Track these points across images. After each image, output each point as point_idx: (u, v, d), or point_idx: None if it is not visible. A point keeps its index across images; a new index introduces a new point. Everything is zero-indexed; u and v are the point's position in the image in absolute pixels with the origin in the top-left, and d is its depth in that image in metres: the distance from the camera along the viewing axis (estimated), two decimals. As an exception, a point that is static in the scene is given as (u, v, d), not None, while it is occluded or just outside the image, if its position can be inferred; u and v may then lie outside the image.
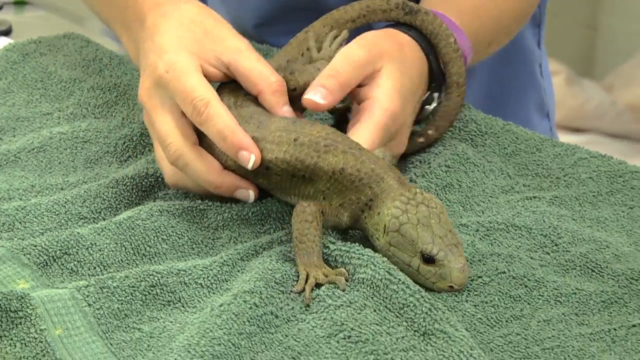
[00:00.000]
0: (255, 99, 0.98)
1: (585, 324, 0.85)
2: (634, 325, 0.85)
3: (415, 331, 0.81)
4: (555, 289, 0.89)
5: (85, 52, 1.28)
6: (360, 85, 1.01)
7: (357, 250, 0.88)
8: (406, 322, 0.82)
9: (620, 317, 0.86)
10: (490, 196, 1.04)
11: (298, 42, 1.08)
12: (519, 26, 1.31)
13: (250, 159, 0.93)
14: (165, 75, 0.97)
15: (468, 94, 1.32)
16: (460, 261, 0.84)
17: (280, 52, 1.08)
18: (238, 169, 0.94)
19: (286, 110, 0.98)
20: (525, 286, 0.89)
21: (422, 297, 0.83)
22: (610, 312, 0.87)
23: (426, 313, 0.82)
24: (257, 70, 0.99)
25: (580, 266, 0.92)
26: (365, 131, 0.97)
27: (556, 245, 0.95)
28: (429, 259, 0.83)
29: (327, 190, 0.89)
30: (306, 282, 0.85)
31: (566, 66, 3.26)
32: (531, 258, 0.93)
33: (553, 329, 0.84)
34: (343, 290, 0.83)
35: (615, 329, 0.85)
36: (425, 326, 0.81)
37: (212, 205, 0.96)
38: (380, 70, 1.01)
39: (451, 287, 0.84)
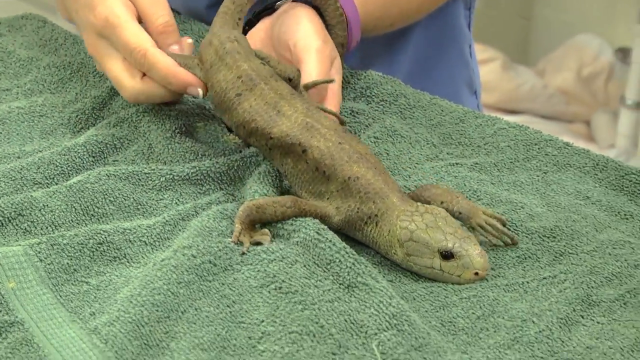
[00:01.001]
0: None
1: (501, 276, 0.86)
2: (544, 278, 0.86)
3: (340, 284, 0.82)
4: (474, 245, 0.90)
5: (42, 32, 1.27)
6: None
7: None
8: (332, 276, 0.83)
9: (532, 270, 0.87)
10: (417, 163, 1.04)
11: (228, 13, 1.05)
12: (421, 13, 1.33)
13: (199, 91, 0.98)
14: (103, 30, 1.00)
15: (401, 66, 1.37)
16: (477, 248, 0.82)
17: (216, 23, 1.04)
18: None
19: (175, 48, 1.01)
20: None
21: (347, 253, 0.84)
22: (524, 267, 0.88)
23: (350, 267, 0.83)
24: (151, 10, 1.01)
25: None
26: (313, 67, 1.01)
27: (475, 206, 0.96)
28: (447, 255, 0.82)
29: (336, 192, 0.88)
30: (237, 241, 0.85)
31: (503, 53, 3.29)
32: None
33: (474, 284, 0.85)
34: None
35: (527, 282, 0.86)
36: (349, 279, 0.82)
37: (155, 170, 0.97)
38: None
39: (476, 274, 0.83)
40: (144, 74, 1.00)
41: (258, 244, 0.86)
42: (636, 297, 0.84)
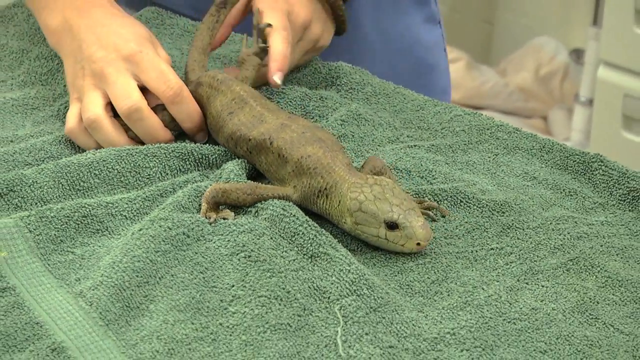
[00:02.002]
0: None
1: (452, 244, 0.87)
2: (492, 249, 0.87)
3: (304, 255, 0.83)
4: (428, 218, 0.91)
5: (32, 20, 1.24)
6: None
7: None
8: (297, 247, 0.83)
9: (481, 240, 0.88)
10: (378, 145, 1.05)
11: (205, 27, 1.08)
12: None
13: (205, 138, 1.00)
14: (139, 54, 0.98)
15: None
16: (420, 220, 0.82)
17: (196, 40, 1.07)
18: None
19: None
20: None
21: (310, 226, 0.84)
22: (473, 236, 0.89)
23: (312, 239, 0.83)
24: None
25: (450, 198, 0.93)
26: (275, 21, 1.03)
27: (431, 184, 0.97)
28: (392, 225, 0.81)
29: (292, 172, 0.88)
30: (205, 214, 0.86)
31: (467, 54, 3.30)
32: (409, 190, 0.94)
33: (425, 250, 0.86)
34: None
35: (476, 250, 0.87)
36: (312, 250, 0.83)
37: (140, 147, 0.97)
38: None
39: (418, 244, 0.82)
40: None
41: (224, 219, 0.86)
42: (578, 264, 0.85)
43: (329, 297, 0.78)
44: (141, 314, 0.76)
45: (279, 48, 1.02)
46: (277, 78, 1.02)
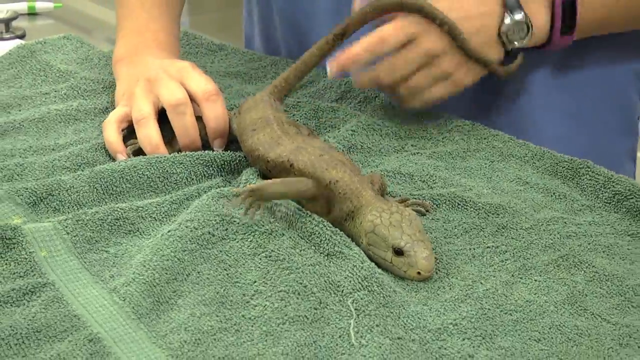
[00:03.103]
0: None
1: (451, 243, 0.85)
2: (488, 247, 0.85)
3: (320, 253, 0.80)
4: (429, 221, 0.89)
5: (80, 51, 1.26)
6: None
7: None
8: (314, 246, 0.81)
9: (477, 239, 0.86)
10: (385, 155, 1.03)
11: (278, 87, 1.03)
12: None
13: (222, 146, 0.99)
14: (187, 68, 1.00)
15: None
16: (425, 252, 0.77)
17: (267, 90, 1.02)
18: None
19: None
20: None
21: (325, 226, 0.82)
22: (471, 236, 0.86)
23: (328, 239, 0.81)
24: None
25: (449, 201, 0.91)
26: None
27: (431, 188, 0.95)
28: (398, 251, 0.77)
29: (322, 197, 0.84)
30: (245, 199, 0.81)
31: None
32: (411, 195, 0.92)
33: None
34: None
35: (474, 248, 0.84)
36: (328, 249, 0.80)
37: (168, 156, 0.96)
38: None
39: (419, 273, 0.77)
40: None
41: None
42: (567, 261, 0.82)
43: (342, 291, 0.76)
44: (170, 308, 0.74)
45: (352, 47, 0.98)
46: (330, 67, 0.99)
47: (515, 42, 0.99)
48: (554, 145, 1.03)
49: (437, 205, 0.91)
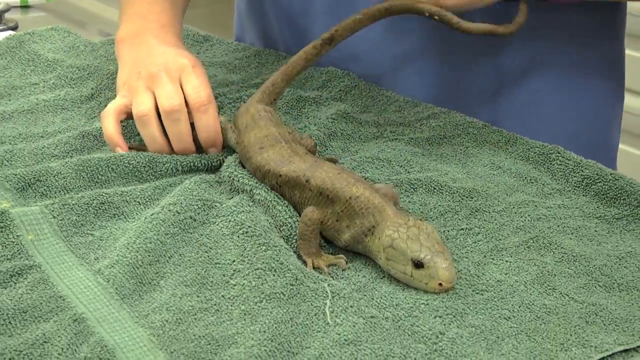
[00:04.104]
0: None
1: (427, 226, 0.85)
2: (462, 229, 0.85)
3: (290, 245, 0.81)
4: (406, 203, 0.89)
5: (67, 40, 1.25)
6: None
7: (253, 179, 0.87)
8: (283, 238, 0.81)
9: (452, 221, 0.86)
10: (364, 141, 1.03)
11: (266, 92, 0.98)
12: None
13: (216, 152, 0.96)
14: (189, 68, 0.97)
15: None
16: (445, 262, 0.73)
17: (255, 97, 0.97)
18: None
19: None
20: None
21: (295, 220, 0.82)
22: (445, 218, 0.86)
23: (295, 229, 0.81)
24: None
25: (425, 185, 0.91)
26: None
27: (409, 172, 0.95)
28: (418, 264, 0.73)
29: (341, 212, 0.80)
30: (314, 267, 0.78)
31: None
32: (389, 180, 0.92)
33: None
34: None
35: (448, 230, 0.84)
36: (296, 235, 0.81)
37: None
38: None
39: (440, 284, 0.73)
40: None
41: (334, 265, 0.80)
42: (537, 242, 0.82)
43: (317, 276, 0.76)
44: (152, 289, 0.74)
45: None
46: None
47: None
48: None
49: (413, 189, 0.91)
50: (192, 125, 0.94)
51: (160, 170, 0.91)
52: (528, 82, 1.14)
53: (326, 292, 0.73)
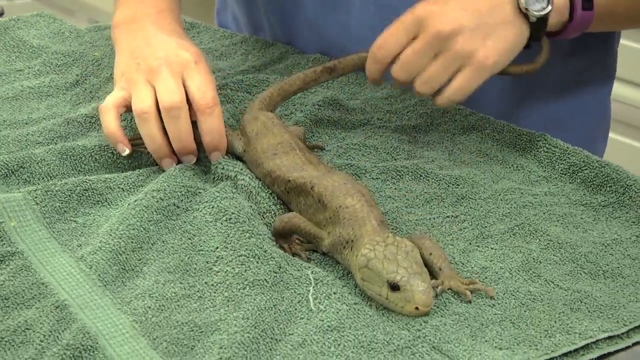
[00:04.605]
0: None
1: (413, 213, 0.85)
2: (447, 216, 0.85)
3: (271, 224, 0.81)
4: (392, 191, 0.89)
5: (52, 27, 1.24)
6: None
7: (238, 164, 0.87)
8: (266, 225, 0.81)
9: (438, 209, 0.86)
10: (351, 128, 1.03)
11: (272, 98, 0.97)
12: None
13: (125, 150, 0.89)
14: (192, 64, 0.90)
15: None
16: (422, 285, 0.70)
17: (256, 104, 0.95)
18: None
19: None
20: (372, 189, 0.88)
21: (279, 208, 0.82)
22: (431, 206, 0.87)
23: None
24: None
25: (412, 172, 0.91)
26: None
27: (395, 160, 0.95)
28: (394, 286, 0.70)
29: (329, 219, 0.78)
30: (292, 253, 0.78)
31: None
32: (375, 167, 0.92)
33: (388, 219, 0.84)
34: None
35: (434, 218, 0.84)
36: None
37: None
38: None
39: (417, 308, 0.70)
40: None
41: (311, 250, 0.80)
42: (523, 229, 0.83)
43: (300, 263, 0.76)
44: (135, 275, 0.74)
45: None
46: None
47: (535, 12, 0.89)
48: None
49: (400, 176, 0.91)
50: (195, 125, 0.89)
51: (144, 160, 0.91)
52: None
53: (309, 279, 0.73)
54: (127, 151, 0.89)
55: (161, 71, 0.89)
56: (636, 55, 2.06)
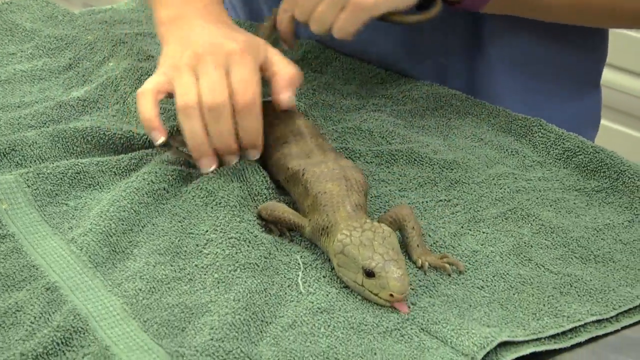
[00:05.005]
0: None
1: (406, 197, 0.86)
2: (440, 200, 0.86)
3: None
4: (386, 175, 0.89)
5: (45, 10, 1.25)
6: None
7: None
8: (257, 207, 0.82)
9: (431, 192, 0.87)
10: (346, 112, 1.03)
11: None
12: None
13: (160, 138, 0.84)
14: (239, 54, 0.86)
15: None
16: (398, 272, 0.68)
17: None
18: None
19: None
20: (366, 172, 0.89)
21: (270, 192, 0.83)
22: (425, 190, 0.87)
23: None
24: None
25: (406, 156, 0.92)
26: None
27: (390, 144, 0.95)
28: (369, 273, 0.69)
29: (310, 205, 0.78)
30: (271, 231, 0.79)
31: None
32: (370, 150, 0.93)
33: (381, 202, 0.84)
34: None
35: (427, 201, 0.85)
36: None
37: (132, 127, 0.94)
38: None
39: (391, 295, 0.69)
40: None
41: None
42: (515, 214, 0.83)
43: (290, 248, 0.77)
44: (126, 257, 0.75)
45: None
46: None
47: None
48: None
49: (394, 160, 0.91)
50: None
51: (137, 143, 0.91)
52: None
53: (298, 263, 0.74)
54: (162, 139, 0.84)
55: (206, 60, 0.84)
56: (627, 41, 2.06)
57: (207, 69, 0.84)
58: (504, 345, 0.66)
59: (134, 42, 1.11)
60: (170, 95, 0.85)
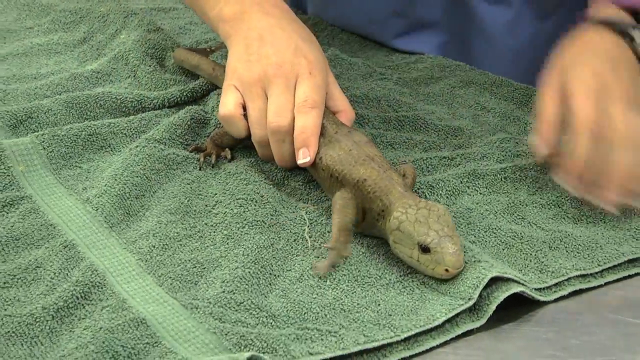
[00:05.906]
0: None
1: (410, 156, 0.90)
2: (444, 157, 0.89)
3: (271, 182, 0.85)
4: (393, 138, 0.93)
5: (60, -13, 1.29)
6: None
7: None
8: (264, 179, 0.85)
9: (434, 152, 0.90)
10: (353, 80, 1.07)
11: None
12: None
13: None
14: (307, 76, 0.87)
15: None
16: (453, 247, 0.71)
17: None
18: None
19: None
20: (373, 136, 0.92)
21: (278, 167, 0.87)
22: (429, 154, 0.90)
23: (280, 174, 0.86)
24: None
25: (412, 123, 0.96)
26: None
27: (396, 111, 0.99)
28: (425, 248, 0.71)
29: (331, 185, 0.79)
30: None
31: None
32: (377, 116, 0.96)
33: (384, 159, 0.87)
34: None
35: (430, 158, 0.88)
36: (276, 181, 0.86)
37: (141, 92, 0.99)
38: None
39: (447, 270, 0.71)
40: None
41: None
42: (515, 174, 0.86)
43: (295, 206, 0.80)
44: (139, 219, 0.79)
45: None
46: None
47: None
48: None
49: (401, 126, 0.95)
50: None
51: (148, 105, 0.95)
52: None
53: (304, 219, 0.78)
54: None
55: (276, 83, 0.86)
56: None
57: (276, 92, 0.85)
58: (495, 283, 0.69)
59: (145, 14, 1.15)
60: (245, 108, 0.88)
